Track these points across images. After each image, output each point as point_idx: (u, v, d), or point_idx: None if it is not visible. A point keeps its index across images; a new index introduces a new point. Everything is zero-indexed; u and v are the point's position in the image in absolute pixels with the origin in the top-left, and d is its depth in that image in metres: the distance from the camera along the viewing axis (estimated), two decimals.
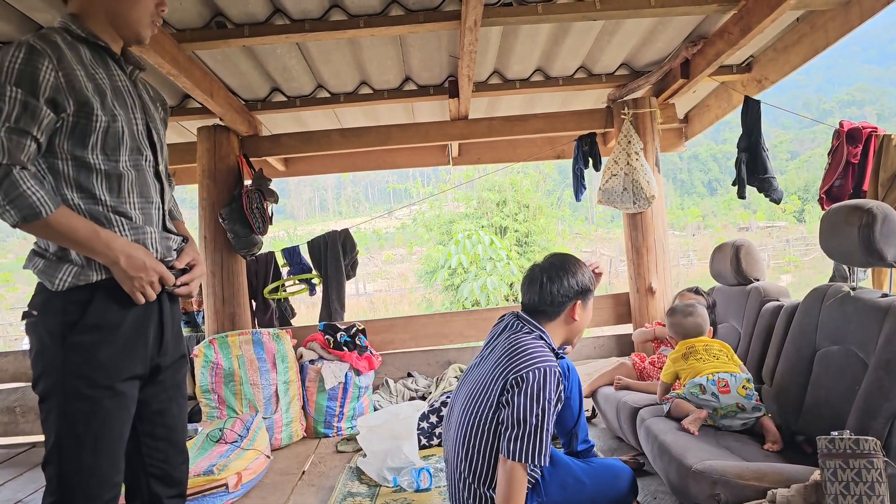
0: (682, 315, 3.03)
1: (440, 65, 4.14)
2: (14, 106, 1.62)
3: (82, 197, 1.73)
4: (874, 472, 1.81)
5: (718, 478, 2.15)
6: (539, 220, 16.56)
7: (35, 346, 1.75)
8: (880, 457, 1.83)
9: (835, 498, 1.82)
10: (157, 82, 3.90)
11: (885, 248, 2.15)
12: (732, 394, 2.59)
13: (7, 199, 1.61)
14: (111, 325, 1.75)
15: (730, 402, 2.59)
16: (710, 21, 3.75)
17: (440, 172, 22.61)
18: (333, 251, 4.99)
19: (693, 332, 2.97)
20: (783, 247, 32.57)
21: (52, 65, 1.65)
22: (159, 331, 1.89)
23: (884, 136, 3.11)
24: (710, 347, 2.85)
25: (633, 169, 4.32)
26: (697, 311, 3.02)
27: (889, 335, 2.06)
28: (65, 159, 1.72)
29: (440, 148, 5.66)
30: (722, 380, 2.63)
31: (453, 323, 4.97)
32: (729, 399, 2.60)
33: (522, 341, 2.28)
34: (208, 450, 3.42)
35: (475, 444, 2.25)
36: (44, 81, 1.63)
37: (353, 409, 4.26)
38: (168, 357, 1.94)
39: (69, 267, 1.71)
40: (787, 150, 62.90)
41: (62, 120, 1.69)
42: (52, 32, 1.70)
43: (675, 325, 3.04)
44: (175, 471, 2.01)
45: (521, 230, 16.21)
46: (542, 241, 16.40)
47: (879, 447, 1.85)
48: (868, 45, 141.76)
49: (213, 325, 4.46)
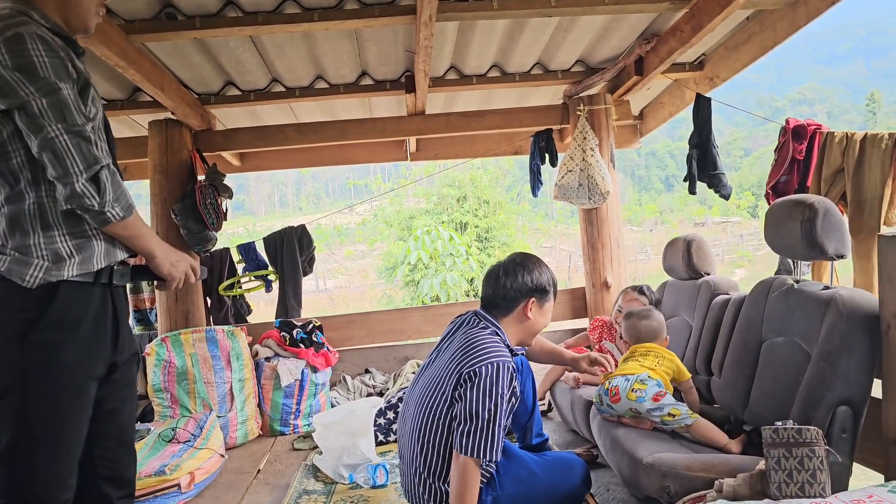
0: (637, 318, 2.99)
1: (396, 60, 4.12)
2: (74, 100, 1.66)
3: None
4: (816, 460, 1.86)
5: (668, 470, 2.19)
6: (499, 215, 16.67)
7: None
8: (822, 445, 1.88)
9: (778, 486, 1.86)
10: (105, 75, 3.81)
11: (826, 242, 2.21)
12: (623, 401, 2.57)
13: (114, 196, 1.70)
14: (73, 322, 1.71)
15: (623, 409, 2.58)
16: (663, 19, 3.80)
17: (400, 168, 22.61)
18: (290, 247, 4.93)
19: (646, 337, 2.92)
20: (737, 242, 33.38)
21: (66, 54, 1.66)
22: (115, 327, 1.85)
23: (827, 133, 3.20)
24: (647, 353, 2.83)
25: (588, 165, 4.36)
26: (654, 315, 2.99)
27: (830, 327, 2.12)
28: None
29: (397, 143, 5.64)
30: (613, 388, 2.62)
31: (410, 319, 4.97)
32: (621, 407, 2.58)
33: (477, 336, 2.29)
34: (160, 450, 3.36)
35: (430, 438, 2.26)
36: (71, 72, 1.67)
37: (310, 406, 4.22)
38: (123, 354, 1.89)
39: (39, 262, 1.67)
40: (740, 147, 64.35)
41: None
42: (26, 21, 1.64)
43: (629, 328, 3.00)
44: (125, 471, 1.97)
45: (481, 226, 16.30)
46: (503, 236, 16.52)
47: (821, 436, 1.90)
48: (818, 46, 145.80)
49: (167, 323, 4.37)
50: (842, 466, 2.04)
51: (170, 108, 4.06)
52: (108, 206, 1.68)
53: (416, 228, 14.72)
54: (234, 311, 5.08)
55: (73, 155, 1.62)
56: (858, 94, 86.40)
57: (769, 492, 1.89)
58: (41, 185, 1.69)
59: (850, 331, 2.07)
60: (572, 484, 2.49)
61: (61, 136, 1.61)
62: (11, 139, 1.65)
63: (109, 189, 1.68)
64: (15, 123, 1.63)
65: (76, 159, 1.62)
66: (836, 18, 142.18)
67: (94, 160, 1.65)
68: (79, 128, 1.63)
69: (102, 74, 3.80)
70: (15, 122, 1.62)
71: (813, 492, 1.83)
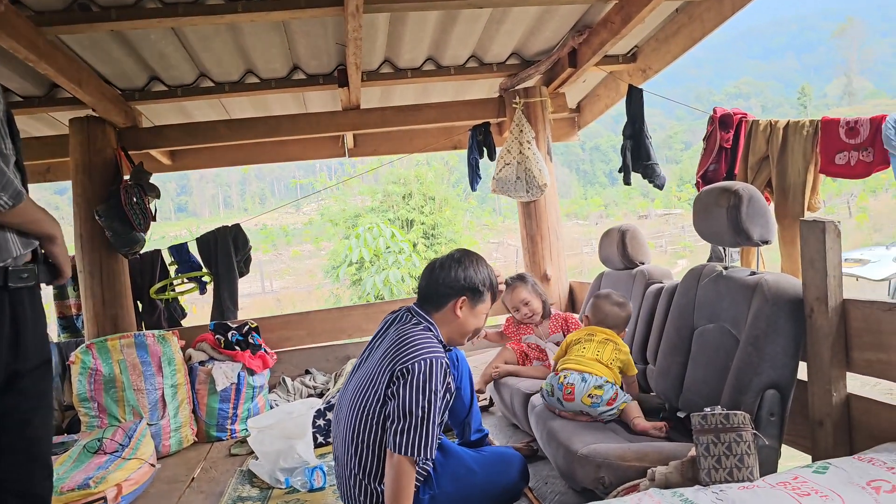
0: (610, 302, 2.89)
1: (328, 53, 4.03)
2: None
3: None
4: (743, 444, 1.87)
5: (602, 461, 2.18)
6: (445, 211, 16.66)
7: None
8: (749, 429, 1.89)
9: (707, 472, 1.86)
10: (19, 70, 3.62)
11: (751, 228, 2.23)
12: (576, 402, 2.54)
13: (1, 185, 1.60)
14: None
15: (574, 409, 2.56)
16: (595, 11, 3.81)
17: (345, 166, 22.39)
18: (224, 247, 4.80)
19: (611, 323, 2.84)
20: (679, 233, 34.16)
21: None
22: (13, 331, 1.71)
23: (752, 121, 3.26)
24: (607, 341, 2.74)
25: (525, 158, 4.36)
26: (627, 307, 2.92)
27: (756, 312, 2.14)
28: None
29: (334, 139, 5.54)
30: (569, 385, 2.56)
31: (351, 317, 4.89)
32: (572, 406, 2.55)
33: (409, 332, 2.24)
34: (85, 462, 3.21)
35: (363, 438, 2.20)
36: None
37: (248, 409, 4.11)
38: (28, 362, 1.75)
39: None
40: (681, 140, 65.88)
41: None
42: None
43: (598, 307, 2.89)
44: (37, 487, 1.84)
45: (427, 222, 16.26)
46: (449, 232, 16.52)
47: (749, 420, 1.91)
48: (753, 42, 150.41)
49: (94, 329, 4.19)
50: (770, 449, 2.06)
51: (90, 105, 3.89)
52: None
53: (360, 226, 14.60)
54: (168, 314, 4.92)
55: None
56: (791, 87, 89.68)
57: (699, 478, 1.89)
58: None
59: (776, 315, 2.10)
60: (510, 478, 2.47)
61: None
62: None
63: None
64: None
65: None
66: (770, 13, 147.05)
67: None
68: None
69: (16, 70, 3.61)
70: None
71: (741, 476, 1.84)
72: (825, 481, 1.73)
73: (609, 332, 2.79)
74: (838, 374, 2.08)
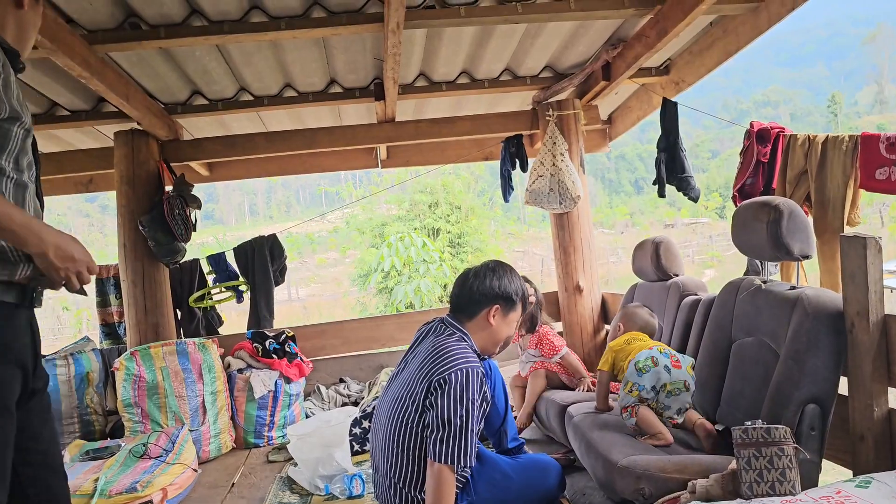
0: (646, 313, 3.11)
1: (365, 67, 4.11)
2: None
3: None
4: (785, 458, 1.89)
5: (642, 472, 2.21)
6: (471, 221, 16.68)
7: None
8: (791, 444, 1.91)
9: (749, 485, 1.89)
10: (69, 85, 3.75)
11: (792, 243, 2.25)
12: (683, 370, 2.56)
13: None
14: (3, 343, 1.66)
15: (679, 378, 2.55)
16: (629, 25, 3.85)
17: (371, 175, 22.57)
18: (261, 257, 4.89)
19: (647, 331, 3.00)
20: (707, 242, 33.82)
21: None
22: (33, 350, 1.78)
23: (790, 136, 3.26)
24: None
25: (558, 170, 4.39)
26: (655, 318, 3.14)
27: (797, 327, 2.16)
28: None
29: (368, 151, 5.62)
30: (674, 354, 2.62)
31: (384, 326, 4.95)
32: (679, 374, 2.55)
33: (445, 344, 2.29)
34: (131, 466, 3.30)
35: (403, 448, 2.25)
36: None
37: (284, 417, 4.18)
38: (41, 380, 1.84)
39: None
40: (708, 149, 65.36)
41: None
42: None
43: (635, 315, 3.08)
44: (59, 496, 1.91)
45: (453, 231, 16.29)
46: (475, 241, 16.53)
47: (790, 434, 1.93)
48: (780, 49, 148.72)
49: (136, 337, 4.30)
50: (811, 464, 2.08)
51: (135, 119, 4.00)
52: None
53: (389, 235, 14.68)
54: (206, 322, 5.02)
55: None
56: (820, 95, 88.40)
57: (741, 491, 1.91)
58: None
59: (817, 330, 2.12)
60: (547, 485, 2.50)
61: None
62: None
63: None
64: None
65: None
66: (798, 22, 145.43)
67: None
68: None
69: (66, 85, 3.75)
70: None
71: (783, 490, 1.86)
72: (868, 496, 1.75)
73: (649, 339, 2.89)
74: (880, 389, 2.09)
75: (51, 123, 4.14)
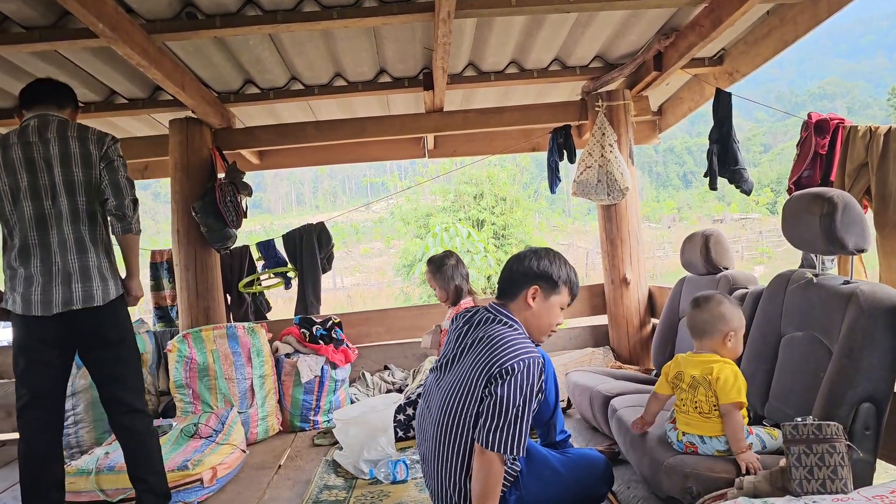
0: (693, 305, 2.47)
1: (415, 57, 4.13)
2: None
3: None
4: (836, 456, 1.85)
5: (690, 471, 2.19)
6: (516, 212, 16.64)
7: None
8: (843, 441, 1.87)
9: (800, 483, 1.86)
10: (126, 74, 3.86)
11: (846, 237, 2.18)
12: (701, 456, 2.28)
13: (137, 216, 2.77)
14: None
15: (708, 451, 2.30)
16: (682, 14, 3.78)
17: (417, 166, 22.62)
18: (309, 244, 4.97)
19: (698, 334, 2.43)
20: (757, 238, 33.05)
21: None
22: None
23: (850, 127, 3.15)
24: (696, 385, 2.33)
25: (607, 161, 4.35)
26: (713, 303, 2.42)
27: (851, 323, 2.10)
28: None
29: (415, 140, 5.66)
30: (690, 444, 2.32)
31: (429, 315, 4.97)
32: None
33: (501, 333, 2.25)
34: (182, 445, 3.40)
35: (455, 437, 2.20)
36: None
37: (330, 402, 4.26)
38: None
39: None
40: (760, 142, 63.73)
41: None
42: None
43: (689, 319, 2.50)
44: (137, 403, 2.86)
45: (498, 223, 16.27)
46: (519, 233, 16.49)
47: (842, 432, 1.89)
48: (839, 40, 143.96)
49: (187, 320, 4.42)
50: (865, 463, 2.02)
51: (190, 107, 4.10)
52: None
53: (434, 226, 14.73)
54: (254, 307, 5.13)
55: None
56: (881, 87, 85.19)
57: (790, 488, 1.88)
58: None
59: (873, 326, 2.05)
60: (594, 481, 2.48)
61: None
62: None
63: (138, 212, 2.85)
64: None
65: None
66: (858, 12, 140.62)
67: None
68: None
69: (124, 73, 3.86)
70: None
71: (835, 487, 1.83)
72: None
73: (701, 362, 2.36)
74: None
75: (109, 111, 4.27)
